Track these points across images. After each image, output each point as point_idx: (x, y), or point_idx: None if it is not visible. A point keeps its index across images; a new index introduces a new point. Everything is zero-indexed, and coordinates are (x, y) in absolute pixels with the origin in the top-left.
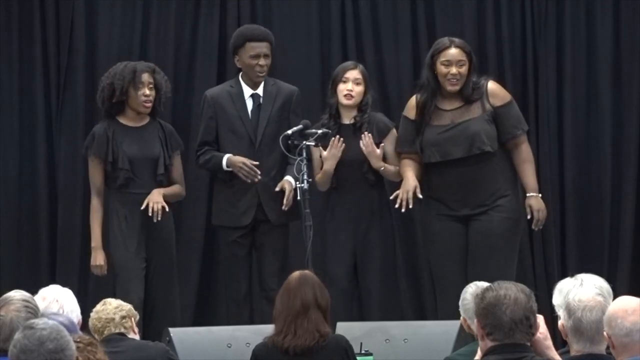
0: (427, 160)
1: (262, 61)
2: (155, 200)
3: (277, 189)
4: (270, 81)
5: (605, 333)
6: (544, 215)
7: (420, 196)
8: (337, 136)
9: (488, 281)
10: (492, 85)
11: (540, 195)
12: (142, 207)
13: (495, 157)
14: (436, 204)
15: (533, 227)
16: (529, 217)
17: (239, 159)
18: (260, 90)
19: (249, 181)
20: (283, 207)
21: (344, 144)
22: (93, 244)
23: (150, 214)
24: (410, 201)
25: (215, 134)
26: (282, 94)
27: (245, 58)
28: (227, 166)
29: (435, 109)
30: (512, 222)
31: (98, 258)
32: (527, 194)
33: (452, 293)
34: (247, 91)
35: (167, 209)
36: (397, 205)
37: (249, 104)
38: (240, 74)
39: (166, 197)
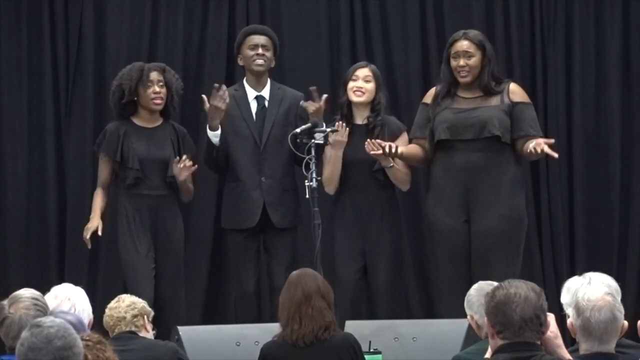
0: (437, 137)
1: (260, 50)
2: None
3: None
4: (276, 85)
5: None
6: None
7: (399, 150)
8: (342, 123)
9: (491, 280)
10: (514, 85)
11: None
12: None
13: (505, 152)
14: (440, 199)
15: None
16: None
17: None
18: (264, 93)
19: (221, 105)
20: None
21: (348, 129)
22: (91, 215)
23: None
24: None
25: (221, 137)
26: (288, 99)
27: (245, 51)
28: (210, 129)
29: (455, 96)
30: (514, 221)
31: (93, 222)
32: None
33: (451, 291)
34: (251, 93)
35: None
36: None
37: (253, 106)
38: (245, 77)
39: (183, 186)
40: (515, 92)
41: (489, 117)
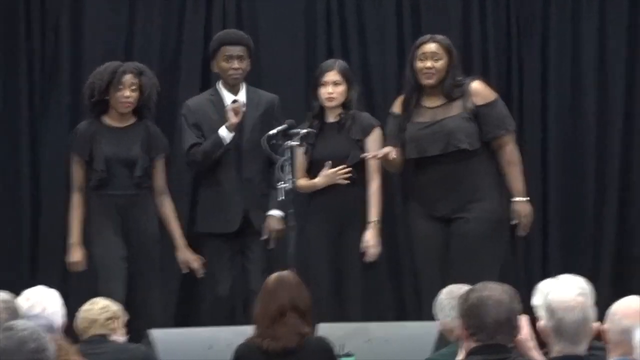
0: (407, 156)
1: (235, 64)
2: (194, 260)
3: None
4: (252, 89)
5: (605, 326)
6: (529, 220)
7: (394, 156)
8: (345, 168)
9: (468, 283)
10: (475, 84)
11: (527, 198)
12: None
13: (477, 157)
14: (418, 204)
15: (518, 233)
16: (514, 222)
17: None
18: (240, 96)
19: (235, 118)
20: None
21: (346, 173)
22: (70, 240)
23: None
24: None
25: (202, 137)
26: (264, 102)
27: (220, 61)
28: (227, 128)
29: (418, 106)
30: (493, 224)
31: (75, 254)
32: (513, 199)
33: (435, 294)
34: (228, 97)
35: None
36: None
37: None
38: (220, 81)
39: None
40: (477, 92)
41: (452, 131)
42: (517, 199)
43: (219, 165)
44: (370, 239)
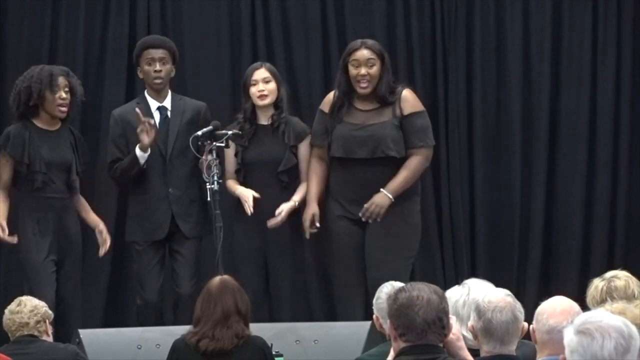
0: (332, 154)
1: (157, 66)
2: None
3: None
4: (177, 96)
5: (532, 326)
6: (378, 212)
7: (318, 225)
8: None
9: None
10: (406, 92)
11: (391, 196)
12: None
13: (400, 166)
14: (336, 205)
15: (360, 214)
16: (365, 205)
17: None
18: (166, 103)
19: (147, 138)
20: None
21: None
22: None
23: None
24: (308, 230)
25: (126, 151)
26: (190, 109)
27: (143, 65)
28: (140, 149)
29: (351, 107)
30: (410, 227)
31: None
32: (382, 190)
33: (348, 294)
34: (154, 104)
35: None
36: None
37: (157, 117)
38: (146, 89)
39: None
40: (407, 100)
41: (382, 137)
42: (384, 192)
43: (146, 173)
44: (284, 210)
